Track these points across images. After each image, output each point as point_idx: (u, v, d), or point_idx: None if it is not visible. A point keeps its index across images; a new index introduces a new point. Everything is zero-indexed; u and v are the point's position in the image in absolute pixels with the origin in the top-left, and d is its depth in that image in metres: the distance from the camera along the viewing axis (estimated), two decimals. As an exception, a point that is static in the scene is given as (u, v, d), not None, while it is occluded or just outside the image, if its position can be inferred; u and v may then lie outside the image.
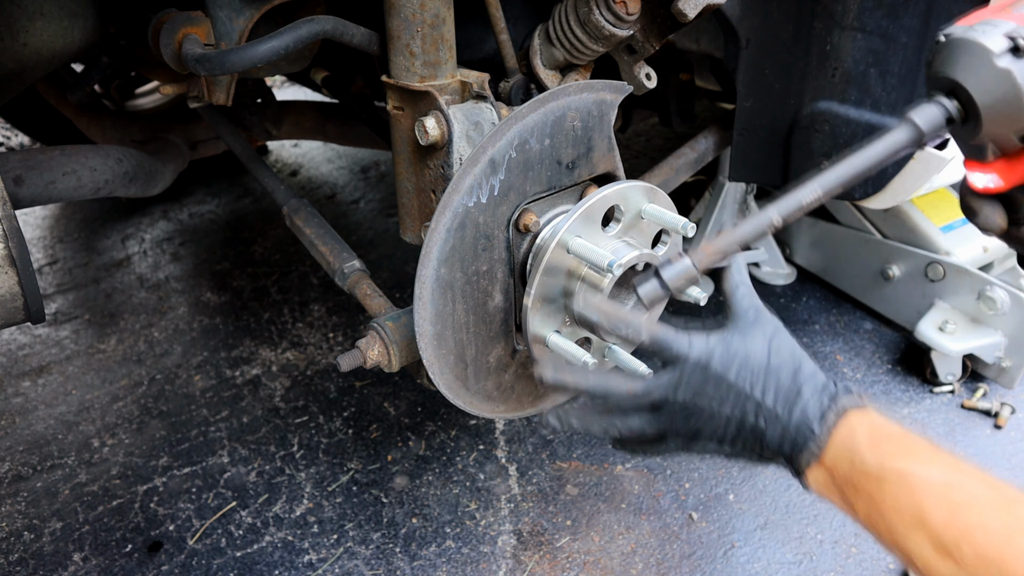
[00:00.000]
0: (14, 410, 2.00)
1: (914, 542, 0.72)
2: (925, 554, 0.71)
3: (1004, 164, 0.73)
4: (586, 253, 0.97)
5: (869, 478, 0.77)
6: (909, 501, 0.73)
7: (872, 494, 0.77)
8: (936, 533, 0.71)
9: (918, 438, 0.79)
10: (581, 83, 1.01)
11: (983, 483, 0.73)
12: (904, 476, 0.75)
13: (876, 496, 0.76)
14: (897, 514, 0.74)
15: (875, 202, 1.43)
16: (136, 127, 2.15)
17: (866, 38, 1.28)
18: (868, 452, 0.79)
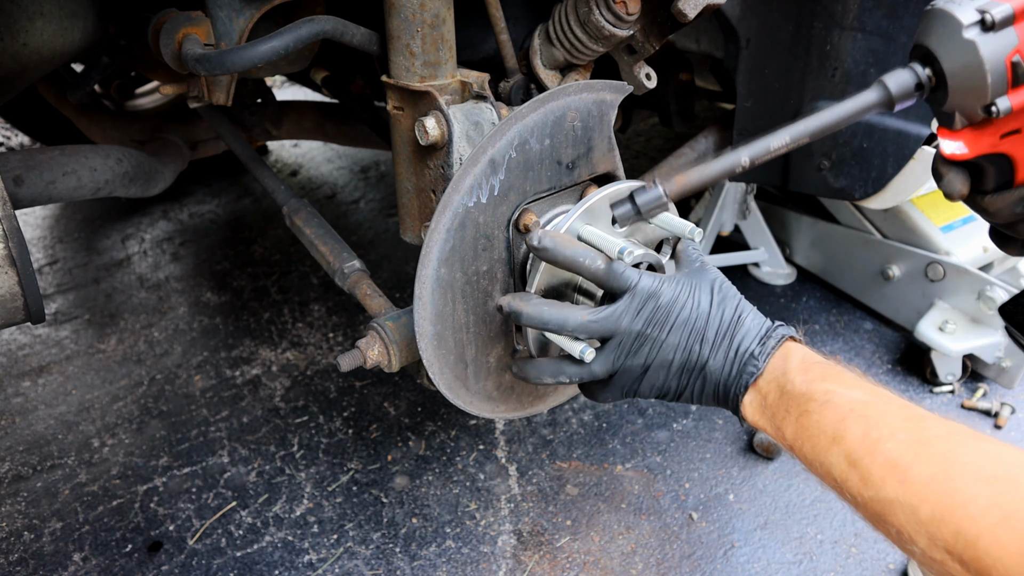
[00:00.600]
0: (14, 410, 2.00)
1: (832, 457, 0.75)
2: (841, 467, 0.74)
3: (970, 133, 0.76)
4: (597, 240, 0.97)
5: (798, 398, 0.81)
6: (831, 417, 0.77)
7: (798, 415, 0.80)
8: (851, 447, 0.73)
9: (845, 368, 0.83)
10: (581, 83, 1.01)
11: (898, 404, 0.76)
12: (828, 395, 0.79)
13: (802, 415, 0.80)
14: (820, 431, 0.77)
15: (875, 202, 1.43)
16: (136, 127, 2.15)
17: (866, 38, 1.28)
18: (798, 375, 0.83)
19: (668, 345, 0.89)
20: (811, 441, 0.78)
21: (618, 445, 1.81)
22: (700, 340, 0.89)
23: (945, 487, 0.66)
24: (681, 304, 0.89)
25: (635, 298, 0.89)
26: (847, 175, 1.42)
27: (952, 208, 2.07)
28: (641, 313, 0.89)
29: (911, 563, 1.47)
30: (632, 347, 0.90)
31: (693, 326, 0.89)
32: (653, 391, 0.94)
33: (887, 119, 1.32)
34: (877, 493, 0.70)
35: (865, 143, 1.36)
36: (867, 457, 0.72)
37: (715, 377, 0.89)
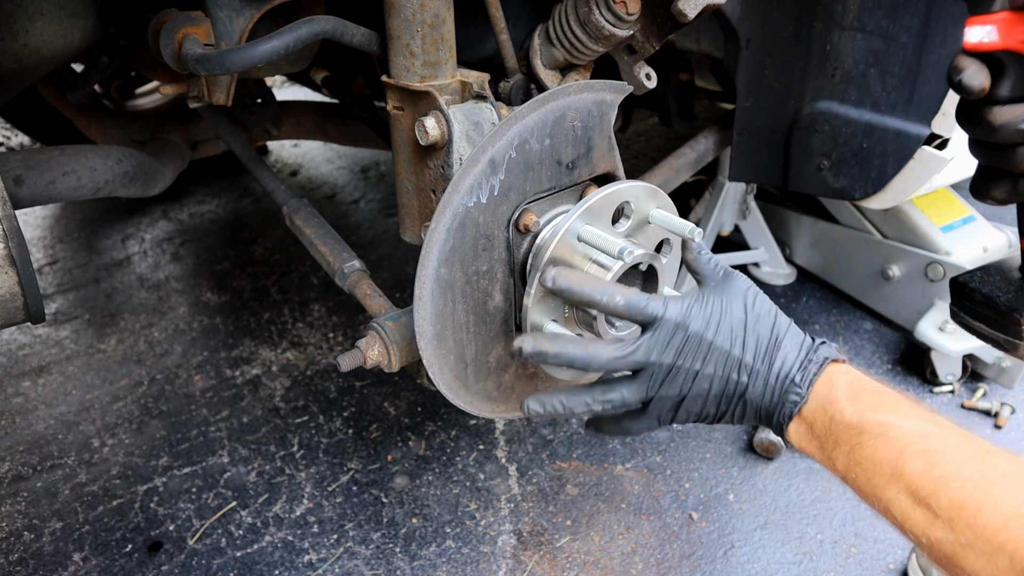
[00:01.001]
0: (14, 410, 2.00)
1: (891, 493, 0.72)
2: (902, 504, 0.71)
3: (1008, 19, 0.70)
4: (597, 240, 0.97)
5: (849, 429, 0.77)
6: (887, 451, 0.73)
7: (851, 446, 0.77)
8: (912, 483, 0.70)
9: (897, 393, 0.80)
10: (581, 83, 1.01)
11: (959, 436, 0.73)
12: (883, 427, 0.75)
13: (855, 448, 0.76)
14: (875, 465, 0.74)
15: (875, 202, 1.43)
16: (136, 127, 2.15)
17: (866, 38, 1.28)
18: (847, 404, 0.79)
19: (704, 376, 0.86)
20: (866, 475, 0.75)
21: (618, 445, 1.81)
22: (738, 368, 0.85)
23: (1021, 534, 0.62)
24: (714, 330, 0.86)
25: (662, 330, 0.86)
26: (847, 175, 1.42)
27: (952, 208, 2.07)
28: (671, 345, 0.86)
29: (911, 563, 1.47)
30: (665, 379, 0.87)
31: (729, 354, 0.85)
32: (690, 418, 0.90)
33: (887, 119, 1.32)
34: (947, 535, 0.67)
35: (865, 143, 1.36)
36: (931, 497, 0.68)
37: (755, 403, 0.86)
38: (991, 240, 2.01)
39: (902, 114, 1.30)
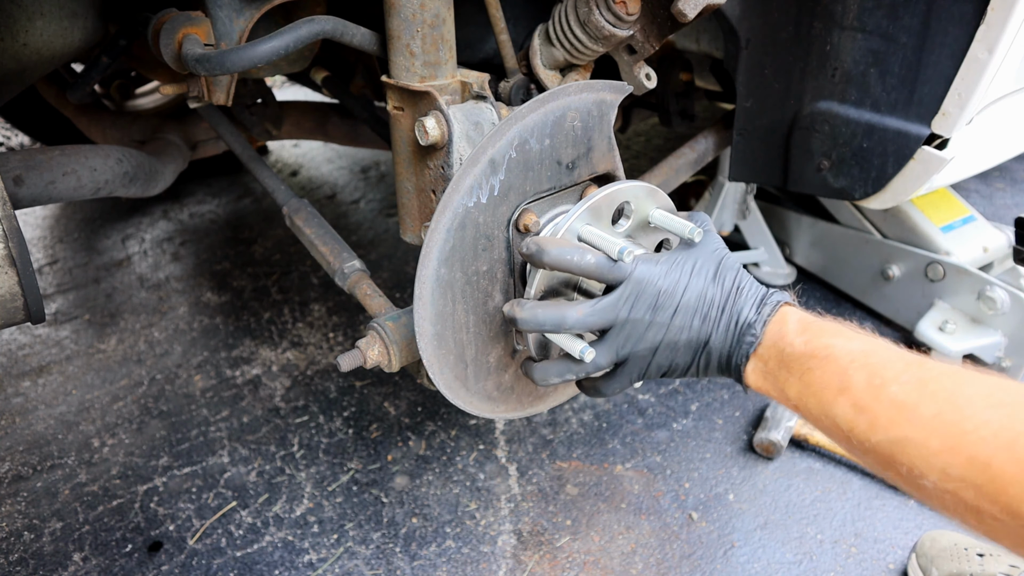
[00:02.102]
0: (14, 410, 2.00)
1: (839, 408, 0.76)
2: (847, 416, 0.75)
3: None
4: (597, 240, 0.97)
5: (799, 359, 0.82)
6: (834, 370, 0.78)
7: (801, 372, 0.81)
8: (856, 395, 0.75)
9: (842, 323, 0.85)
10: (581, 83, 1.01)
11: (898, 351, 0.78)
12: (829, 349, 0.80)
13: (805, 373, 0.81)
14: (823, 386, 0.78)
15: (875, 202, 1.43)
16: (136, 127, 2.15)
17: (866, 38, 1.28)
18: (797, 336, 0.84)
19: (674, 327, 0.90)
20: (816, 396, 0.79)
21: (618, 445, 1.81)
22: (703, 317, 0.90)
23: (953, 417, 0.67)
24: (684, 285, 0.90)
25: (630, 285, 0.90)
26: (847, 175, 1.42)
27: (952, 208, 2.07)
28: (640, 300, 0.90)
29: (911, 563, 1.47)
30: (635, 334, 0.91)
31: (696, 305, 0.90)
32: (659, 371, 0.95)
33: (887, 119, 1.32)
34: (886, 435, 0.71)
35: (865, 143, 1.36)
36: (874, 402, 0.73)
37: (718, 350, 0.90)
38: (991, 240, 2.01)
39: (902, 114, 1.30)
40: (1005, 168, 3.24)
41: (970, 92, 1.21)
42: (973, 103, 1.22)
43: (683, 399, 1.95)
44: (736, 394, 1.97)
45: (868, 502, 1.64)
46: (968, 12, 1.16)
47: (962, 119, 1.25)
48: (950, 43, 1.20)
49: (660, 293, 0.90)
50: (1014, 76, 1.26)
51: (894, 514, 1.61)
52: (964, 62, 1.20)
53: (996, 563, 1.39)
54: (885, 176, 1.37)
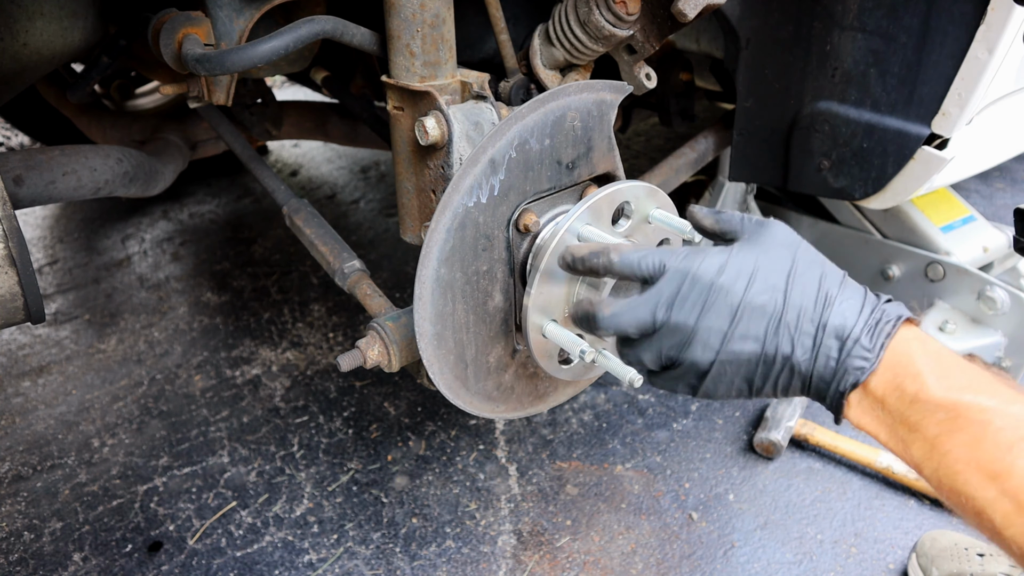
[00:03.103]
0: (14, 410, 2.00)
1: (990, 493, 0.61)
2: (1004, 508, 0.60)
3: None
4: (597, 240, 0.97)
5: (936, 411, 0.64)
6: (990, 445, 0.61)
7: (937, 433, 0.64)
8: (1016, 484, 0.59)
9: (992, 372, 0.67)
10: (581, 83, 1.01)
11: None
12: (981, 412, 0.62)
13: (943, 435, 0.63)
14: (967, 463, 0.62)
15: (875, 202, 1.43)
16: (136, 127, 2.15)
17: (866, 38, 1.28)
18: (934, 379, 0.65)
19: (735, 336, 0.72)
20: (954, 468, 0.63)
21: (618, 445, 1.81)
22: (779, 325, 0.71)
23: None
24: (747, 282, 0.71)
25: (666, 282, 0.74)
26: (847, 175, 1.42)
27: (952, 208, 2.07)
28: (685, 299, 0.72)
29: (911, 563, 1.47)
30: (679, 341, 0.74)
31: (765, 310, 0.71)
32: (726, 389, 0.76)
33: (887, 119, 1.32)
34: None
35: (865, 143, 1.36)
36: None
37: (804, 370, 0.71)
38: (991, 240, 2.01)
39: (902, 114, 1.30)
40: (1005, 168, 3.24)
41: (970, 92, 1.21)
42: (973, 103, 1.22)
43: (683, 399, 1.95)
44: (736, 394, 1.96)
45: (868, 502, 1.64)
46: (968, 12, 1.16)
47: (962, 119, 1.25)
48: (950, 43, 1.20)
49: (712, 290, 0.72)
50: (1014, 76, 1.26)
51: (894, 514, 1.61)
52: (964, 62, 1.20)
53: (996, 563, 1.39)
54: (885, 176, 1.37)
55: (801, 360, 0.71)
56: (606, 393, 1.97)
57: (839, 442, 1.73)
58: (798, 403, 1.81)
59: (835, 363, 0.70)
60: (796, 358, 0.71)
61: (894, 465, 1.66)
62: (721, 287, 0.72)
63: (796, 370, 0.72)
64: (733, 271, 0.72)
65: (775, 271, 0.72)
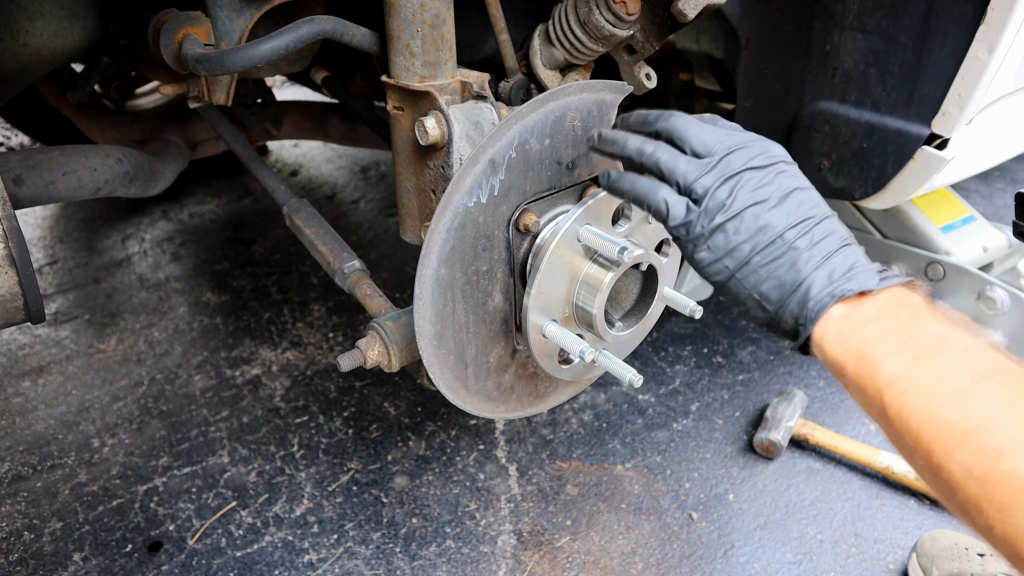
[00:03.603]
0: (14, 410, 2.00)
1: (955, 410, 0.60)
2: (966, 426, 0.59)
3: None
4: (596, 240, 0.97)
5: (927, 335, 0.65)
6: (971, 368, 0.61)
7: (918, 353, 0.64)
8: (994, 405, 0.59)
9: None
10: (581, 83, 1.01)
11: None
12: (969, 345, 0.64)
13: (923, 357, 0.64)
14: (951, 379, 0.61)
15: (875, 202, 1.43)
16: (136, 127, 2.15)
17: (866, 38, 1.28)
18: (928, 315, 0.67)
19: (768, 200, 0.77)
20: (926, 387, 0.62)
21: (618, 445, 1.81)
22: (808, 224, 0.75)
23: None
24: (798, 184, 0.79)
25: (737, 132, 0.81)
26: (847, 175, 1.42)
27: (952, 208, 2.07)
28: (749, 147, 0.79)
29: (911, 563, 1.47)
30: (746, 189, 0.78)
31: (804, 209, 0.76)
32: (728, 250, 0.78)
33: (887, 119, 1.32)
34: (1018, 468, 0.55)
35: (865, 143, 1.36)
36: (1014, 424, 0.57)
37: (804, 269, 0.74)
38: (991, 240, 2.01)
39: (902, 114, 1.30)
40: (1005, 168, 3.24)
41: (970, 92, 1.21)
42: (973, 103, 1.22)
43: (683, 399, 1.95)
44: (736, 394, 1.96)
45: (868, 502, 1.64)
46: (968, 12, 1.16)
47: (962, 119, 1.25)
48: (950, 43, 1.20)
49: (781, 174, 0.78)
50: (1014, 76, 1.26)
51: (894, 514, 1.61)
52: (964, 62, 1.19)
53: (996, 563, 1.39)
54: (885, 176, 1.36)
55: (807, 260, 0.74)
56: (606, 393, 1.97)
57: (839, 442, 1.73)
58: (798, 403, 1.81)
59: (837, 276, 0.72)
60: (804, 256, 0.74)
61: (894, 465, 1.66)
62: (785, 170, 0.79)
63: (798, 266, 0.74)
64: (798, 170, 0.80)
65: (822, 200, 0.80)
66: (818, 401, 1.92)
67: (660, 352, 2.13)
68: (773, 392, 1.96)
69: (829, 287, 0.72)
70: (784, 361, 2.08)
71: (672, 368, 2.07)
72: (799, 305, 0.74)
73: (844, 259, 0.74)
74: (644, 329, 1.16)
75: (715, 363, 2.08)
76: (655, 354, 2.13)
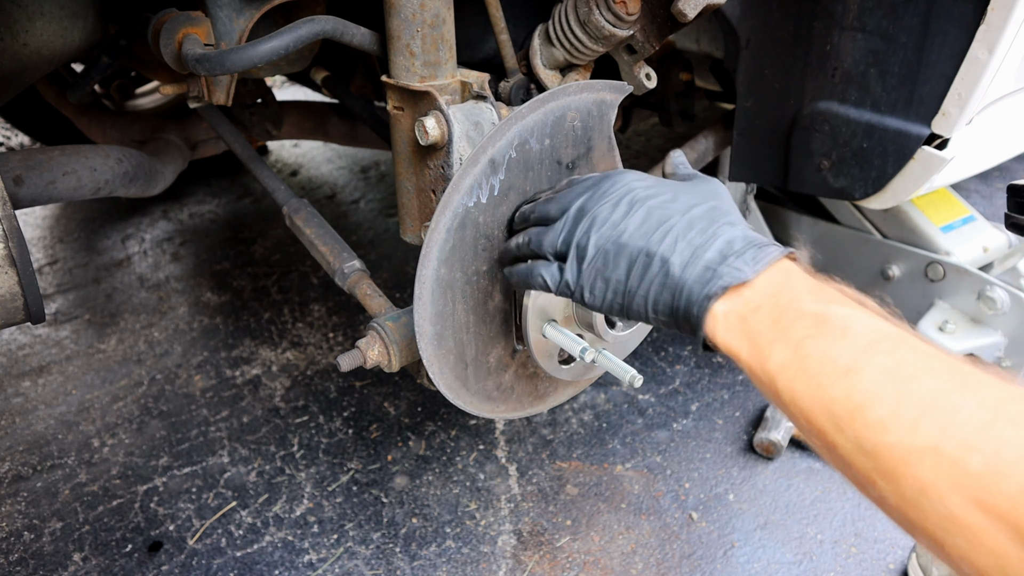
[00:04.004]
0: (14, 410, 2.00)
1: (839, 390, 0.61)
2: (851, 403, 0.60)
3: None
4: None
5: (805, 318, 0.67)
6: (850, 346, 0.63)
7: (801, 338, 0.65)
8: (872, 380, 0.60)
9: (861, 296, 0.71)
10: (581, 83, 1.01)
11: (933, 345, 0.64)
12: (848, 320, 0.65)
13: (806, 340, 0.65)
14: (828, 361, 0.63)
15: (875, 202, 1.43)
16: (136, 127, 2.15)
17: (866, 38, 1.28)
18: (806, 295, 0.69)
19: (630, 224, 0.79)
20: (811, 370, 0.63)
21: (618, 445, 1.81)
22: (666, 228, 0.77)
23: (1009, 436, 0.52)
24: (657, 195, 0.80)
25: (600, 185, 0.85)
26: (847, 175, 1.42)
27: (952, 208, 2.07)
28: (595, 189, 0.84)
29: (911, 563, 1.47)
30: (585, 223, 0.82)
31: (664, 214, 0.78)
32: (606, 285, 0.81)
33: (887, 119, 1.32)
34: (901, 438, 0.56)
35: (865, 143, 1.36)
36: (893, 395, 0.58)
37: (677, 277, 0.74)
38: (991, 240, 2.01)
39: (902, 114, 1.30)
40: (1005, 168, 3.24)
41: (970, 92, 1.21)
42: (973, 103, 1.22)
43: (683, 399, 1.96)
44: (736, 394, 1.96)
45: (868, 502, 1.64)
46: (968, 12, 1.16)
47: (962, 119, 1.25)
48: (950, 43, 1.20)
49: (628, 195, 0.81)
50: (1014, 76, 1.26)
51: (894, 514, 1.61)
52: (964, 62, 1.20)
53: (996, 563, 1.38)
54: (885, 176, 1.37)
55: (677, 264, 0.75)
56: (606, 393, 1.97)
57: (839, 442, 1.73)
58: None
59: (711, 272, 0.73)
60: (673, 262, 0.75)
61: (894, 465, 1.65)
62: (632, 189, 0.82)
63: (670, 274, 0.75)
64: (650, 183, 0.82)
65: (686, 194, 0.81)
66: (818, 401, 1.92)
67: (660, 352, 2.13)
68: (773, 392, 1.96)
69: (704, 288, 0.73)
70: (784, 361, 2.08)
71: (672, 368, 2.07)
72: (685, 311, 0.75)
73: (716, 250, 0.74)
74: (644, 329, 1.16)
75: (715, 363, 2.08)
76: (655, 354, 2.13)
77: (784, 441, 1.73)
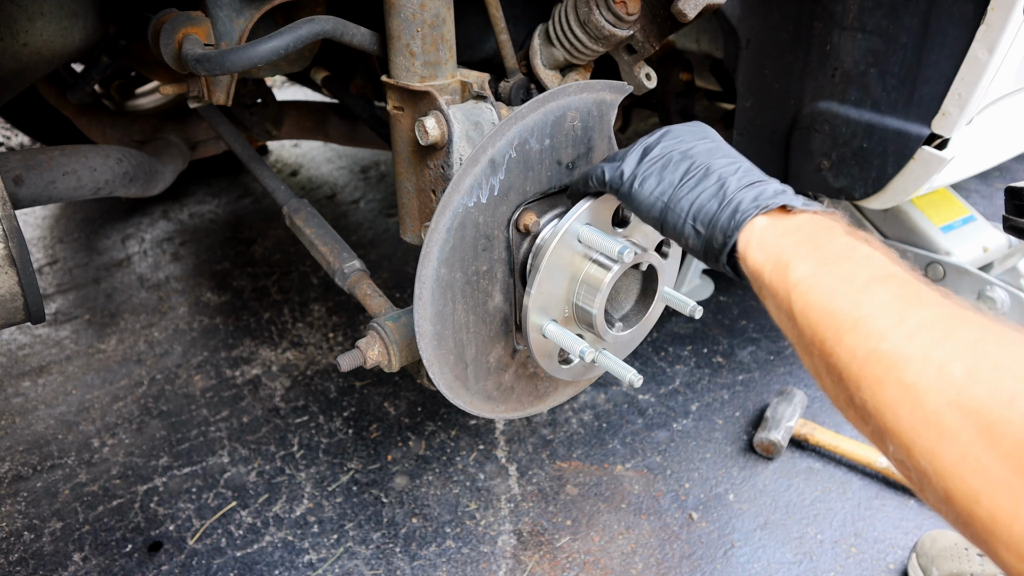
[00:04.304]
0: (14, 410, 2.00)
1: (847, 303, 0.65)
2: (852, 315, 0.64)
3: None
4: (596, 240, 0.97)
5: (837, 245, 0.72)
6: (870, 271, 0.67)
7: (826, 259, 0.70)
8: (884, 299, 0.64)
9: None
10: (581, 83, 1.01)
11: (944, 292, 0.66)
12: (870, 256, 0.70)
13: (830, 262, 0.69)
14: (848, 279, 0.67)
15: (875, 202, 1.43)
16: (136, 127, 2.15)
17: (866, 38, 1.28)
18: (840, 231, 0.74)
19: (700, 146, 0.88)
20: (828, 285, 0.67)
21: (618, 445, 1.81)
22: (731, 159, 0.85)
23: (992, 351, 0.56)
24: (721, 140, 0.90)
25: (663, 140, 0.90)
26: (847, 175, 1.42)
27: (952, 208, 2.07)
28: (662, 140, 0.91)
29: (911, 563, 1.47)
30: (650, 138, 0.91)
31: (725, 150, 0.87)
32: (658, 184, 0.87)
33: (887, 119, 1.32)
34: (895, 345, 0.60)
35: (865, 143, 1.36)
36: (898, 312, 0.61)
37: (731, 189, 0.81)
38: (991, 240, 2.01)
39: (902, 114, 1.30)
40: (1005, 168, 3.24)
41: (970, 92, 1.21)
42: (973, 103, 1.22)
43: (683, 399, 1.95)
44: (736, 394, 1.96)
45: (868, 502, 1.64)
46: (968, 12, 1.16)
47: (962, 119, 1.25)
48: (950, 43, 1.20)
49: (703, 130, 0.91)
50: (1014, 76, 1.26)
51: (894, 514, 1.61)
52: (964, 62, 1.19)
53: (996, 563, 1.39)
54: (885, 176, 1.36)
55: (733, 185, 0.81)
56: (606, 393, 1.97)
57: (839, 442, 1.73)
58: (798, 403, 1.81)
59: (763, 198, 0.78)
60: (730, 181, 0.81)
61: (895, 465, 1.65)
62: (708, 134, 0.91)
63: (725, 187, 0.81)
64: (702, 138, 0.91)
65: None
66: (818, 401, 1.92)
67: (660, 352, 2.13)
68: (773, 392, 1.96)
69: (755, 201, 0.79)
70: (784, 361, 2.08)
71: (672, 368, 2.07)
72: (728, 218, 0.79)
73: (771, 187, 0.81)
74: (644, 329, 1.16)
75: (715, 363, 2.08)
76: (655, 354, 2.13)
77: (784, 441, 1.73)
